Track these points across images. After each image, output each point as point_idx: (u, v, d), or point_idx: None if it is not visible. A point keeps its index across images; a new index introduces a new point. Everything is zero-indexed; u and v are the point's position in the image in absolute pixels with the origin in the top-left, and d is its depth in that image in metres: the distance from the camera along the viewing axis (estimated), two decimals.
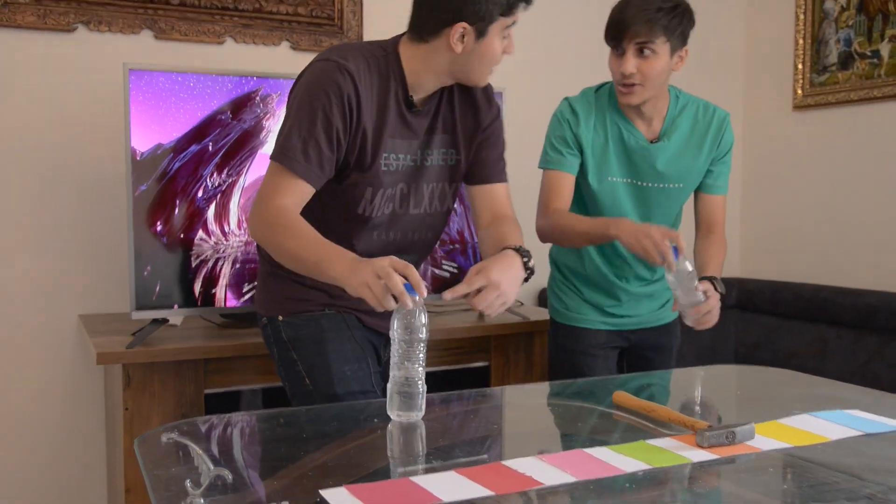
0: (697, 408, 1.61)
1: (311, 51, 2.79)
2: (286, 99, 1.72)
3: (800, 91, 3.32)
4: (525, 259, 1.59)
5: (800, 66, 3.31)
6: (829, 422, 1.36)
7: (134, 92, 2.15)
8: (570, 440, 1.42)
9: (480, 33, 1.63)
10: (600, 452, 1.23)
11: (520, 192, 2.95)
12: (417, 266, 1.84)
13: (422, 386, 1.39)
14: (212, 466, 1.00)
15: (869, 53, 3.07)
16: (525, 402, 1.73)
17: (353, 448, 1.31)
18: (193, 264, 2.24)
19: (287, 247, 1.55)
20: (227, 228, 2.29)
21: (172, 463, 1.17)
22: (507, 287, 1.53)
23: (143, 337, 2.11)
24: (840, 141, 3.21)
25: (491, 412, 1.62)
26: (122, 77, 2.14)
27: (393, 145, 1.67)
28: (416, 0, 1.67)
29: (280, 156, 1.59)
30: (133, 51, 2.56)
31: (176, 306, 2.21)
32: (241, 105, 2.29)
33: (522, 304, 2.91)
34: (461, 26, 1.61)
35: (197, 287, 2.24)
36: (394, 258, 1.40)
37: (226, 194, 2.29)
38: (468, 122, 1.78)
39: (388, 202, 1.71)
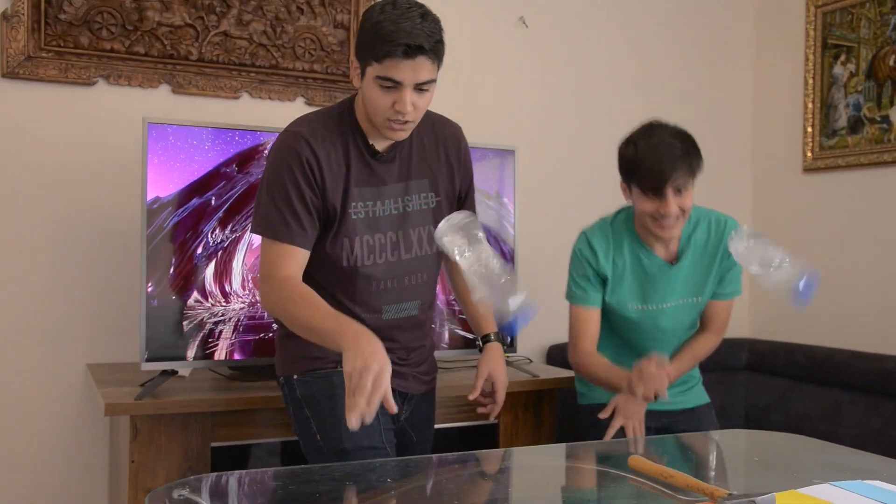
0: (712, 473, 1.58)
1: (325, 106, 2.82)
2: None
3: (809, 154, 3.35)
4: (504, 345, 1.99)
5: (809, 130, 3.34)
6: (850, 492, 1.34)
7: (151, 145, 2.17)
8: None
9: (362, 73, 1.67)
10: None
11: (530, 246, 2.97)
12: (427, 310, 1.90)
13: (498, 263, 1.48)
14: None
15: (878, 119, 3.10)
16: (536, 464, 1.71)
17: None
18: (199, 319, 2.23)
19: (300, 318, 1.62)
20: (228, 288, 2.29)
21: None
22: (506, 379, 1.96)
23: (151, 388, 2.10)
24: (850, 203, 3.22)
25: (501, 474, 1.59)
26: (142, 131, 2.17)
27: (360, 194, 1.74)
28: None
29: (266, 230, 1.70)
30: (151, 105, 2.60)
31: (186, 358, 2.21)
32: (248, 158, 2.31)
33: (532, 361, 2.89)
34: (353, 59, 1.70)
35: (205, 339, 2.24)
36: (386, 369, 1.44)
37: (228, 251, 2.29)
38: (443, 162, 1.85)
39: (378, 252, 1.75)
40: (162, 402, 2.06)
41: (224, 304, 2.27)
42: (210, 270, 2.27)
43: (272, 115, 2.76)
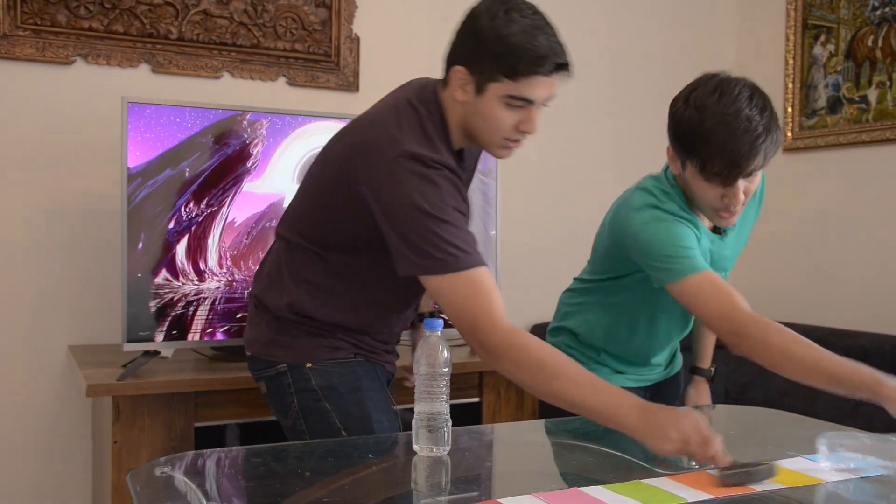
0: None
1: (307, 87, 2.81)
2: (285, 139, 1.71)
3: (790, 134, 3.37)
4: None
5: (789, 110, 3.36)
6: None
7: (131, 125, 2.16)
8: (564, 479, 1.41)
9: (479, 88, 1.49)
10: (597, 492, 1.22)
11: (513, 228, 2.98)
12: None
13: (447, 420, 1.37)
14: (205, 501, 1.00)
15: (857, 99, 3.12)
16: (518, 440, 1.72)
17: (348, 484, 1.30)
18: (191, 299, 2.23)
19: (565, 395, 1.39)
20: (203, 266, 2.26)
21: (165, 497, 1.15)
22: None
23: (133, 369, 2.10)
24: (829, 183, 3.25)
25: (485, 449, 1.61)
26: (121, 110, 2.16)
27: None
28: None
29: (454, 263, 1.43)
30: (130, 84, 2.58)
31: (168, 339, 2.20)
32: (225, 131, 2.27)
33: None
34: (460, 70, 1.50)
35: (190, 320, 2.23)
36: (696, 418, 1.28)
37: (203, 227, 2.25)
38: (471, 170, 1.76)
39: None
40: (144, 383, 2.06)
41: (197, 282, 2.24)
42: (183, 247, 2.23)
43: (254, 94, 2.75)
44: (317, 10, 2.84)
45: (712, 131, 1.55)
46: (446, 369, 1.37)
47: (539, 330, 3.10)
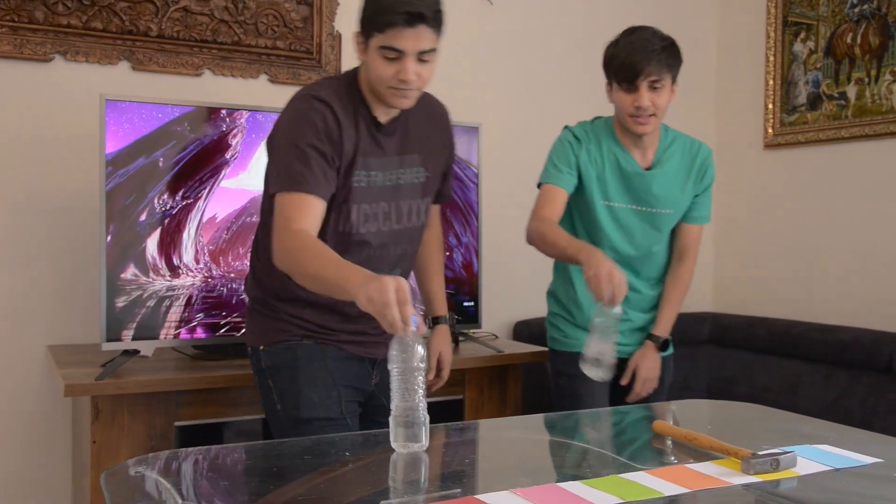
0: (669, 442, 1.61)
1: (289, 84, 2.80)
2: (267, 135, 1.79)
3: (771, 130, 3.39)
4: (452, 326, 2.12)
5: (770, 106, 3.38)
6: (797, 456, 1.37)
7: (110, 122, 2.14)
8: (542, 474, 1.41)
9: (365, 45, 1.71)
10: (574, 487, 1.22)
11: (495, 221, 2.99)
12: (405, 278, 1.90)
13: (424, 416, 1.38)
14: (180, 501, 0.99)
15: (836, 95, 3.14)
16: (498, 436, 1.73)
17: (325, 482, 1.30)
18: (164, 295, 2.22)
19: (310, 268, 1.59)
20: (176, 262, 2.23)
21: (140, 497, 1.15)
22: (451, 358, 2.05)
23: (112, 368, 2.08)
24: (810, 179, 3.27)
25: (465, 446, 1.61)
26: (99, 108, 2.14)
27: (365, 163, 1.77)
28: None
29: (286, 183, 1.67)
30: (110, 82, 2.56)
31: (148, 338, 2.19)
32: (201, 119, 2.25)
33: (497, 336, 2.91)
34: (356, 34, 1.73)
35: (169, 318, 2.22)
36: (402, 283, 1.41)
37: (178, 220, 2.21)
38: (434, 140, 1.89)
39: (371, 220, 1.79)
40: (123, 382, 2.05)
41: (170, 278, 2.20)
42: (154, 241, 2.19)
43: (235, 92, 2.73)
44: (298, 7, 2.83)
45: (621, 50, 2.08)
46: (422, 365, 1.38)
47: (523, 327, 3.10)
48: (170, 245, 2.23)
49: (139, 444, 2.08)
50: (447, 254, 2.62)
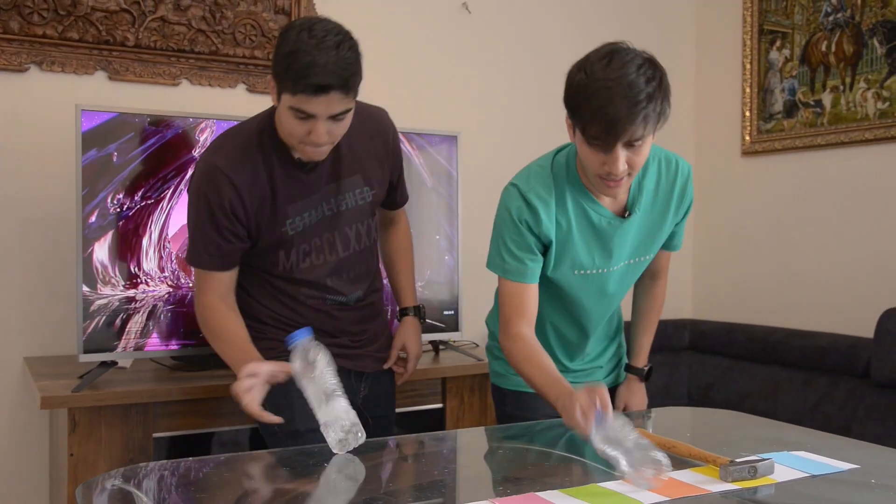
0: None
1: (267, 93, 2.79)
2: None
3: (748, 137, 3.42)
4: (422, 319, 2.05)
5: (747, 114, 3.41)
6: (775, 463, 1.38)
7: (86, 132, 2.12)
8: (522, 483, 1.41)
9: (278, 97, 1.64)
10: (553, 496, 1.23)
11: (474, 231, 2.99)
12: (372, 293, 1.94)
13: (350, 413, 1.46)
14: None
15: (812, 103, 3.18)
16: (477, 446, 1.72)
17: (303, 493, 1.29)
18: (139, 305, 2.20)
19: (213, 345, 1.77)
20: (134, 269, 2.14)
21: None
22: (419, 352, 2.02)
23: (89, 380, 2.06)
24: (787, 186, 3.30)
25: (445, 455, 1.61)
26: (75, 118, 2.12)
27: (295, 209, 1.76)
28: None
29: (190, 259, 1.79)
30: (87, 92, 2.55)
31: (126, 349, 2.17)
32: (161, 119, 2.19)
33: (478, 345, 2.91)
34: (270, 79, 1.66)
35: (147, 328, 2.20)
36: (255, 366, 1.57)
37: (135, 221, 2.13)
38: (374, 154, 1.85)
39: (315, 254, 1.80)
40: (100, 394, 2.03)
41: (124, 288, 2.12)
42: (104, 247, 2.10)
43: (214, 102, 2.72)
44: (276, 16, 2.82)
45: (594, 94, 1.53)
46: (328, 368, 1.47)
47: None
48: (126, 251, 2.14)
49: (117, 456, 2.06)
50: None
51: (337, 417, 1.43)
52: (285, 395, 1.72)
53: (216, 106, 2.71)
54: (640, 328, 2.02)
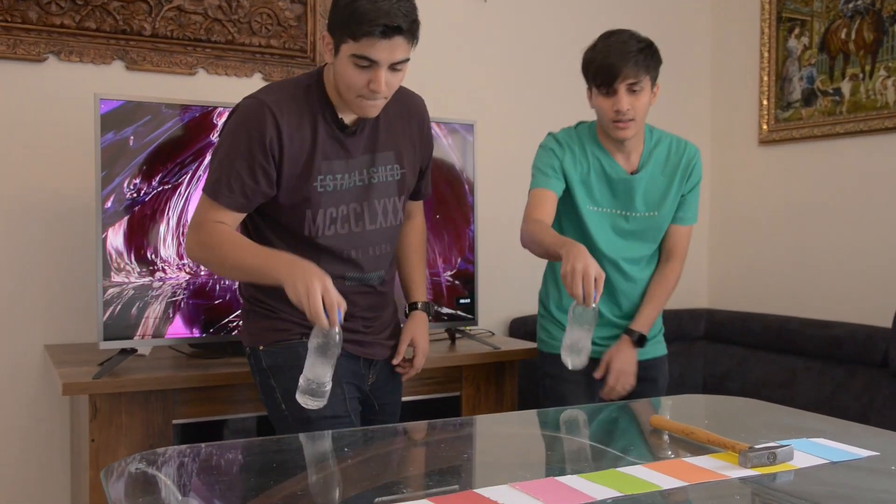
0: (666, 436, 1.62)
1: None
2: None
3: (765, 126, 3.39)
4: (429, 314, 2.03)
5: (765, 103, 3.39)
6: (794, 450, 1.38)
7: (104, 114, 2.14)
8: (541, 469, 1.42)
9: (336, 50, 1.66)
10: (572, 480, 1.23)
11: (490, 219, 2.99)
12: (389, 281, 1.94)
13: (328, 386, 1.55)
14: (180, 497, 0.99)
15: (831, 91, 3.15)
16: (496, 432, 1.73)
17: (322, 478, 1.30)
18: (159, 293, 2.22)
19: (229, 259, 1.67)
20: (150, 256, 2.14)
21: (140, 494, 1.15)
22: (426, 348, 1.98)
23: (110, 367, 2.08)
24: (804, 175, 3.28)
25: (462, 441, 1.62)
26: (94, 107, 2.14)
27: (329, 167, 1.75)
28: None
29: (208, 188, 1.73)
30: (104, 82, 2.56)
31: (145, 336, 2.19)
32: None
33: (493, 333, 2.92)
34: (325, 35, 1.69)
35: (166, 316, 2.22)
36: (325, 278, 1.54)
37: (152, 207, 2.13)
38: (409, 136, 1.87)
39: (340, 222, 1.78)
40: (121, 381, 2.05)
41: (140, 275, 2.14)
42: (119, 233, 2.11)
43: (230, 91, 2.73)
44: (292, 5, 2.82)
45: (597, 54, 2.07)
46: (337, 350, 1.53)
47: (518, 324, 3.11)
48: (142, 237, 2.13)
49: (137, 442, 2.08)
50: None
51: (312, 383, 1.53)
52: (296, 381, 1.72)
53: (232, 95, 2.70)
54: (646, 298, 2.24)
